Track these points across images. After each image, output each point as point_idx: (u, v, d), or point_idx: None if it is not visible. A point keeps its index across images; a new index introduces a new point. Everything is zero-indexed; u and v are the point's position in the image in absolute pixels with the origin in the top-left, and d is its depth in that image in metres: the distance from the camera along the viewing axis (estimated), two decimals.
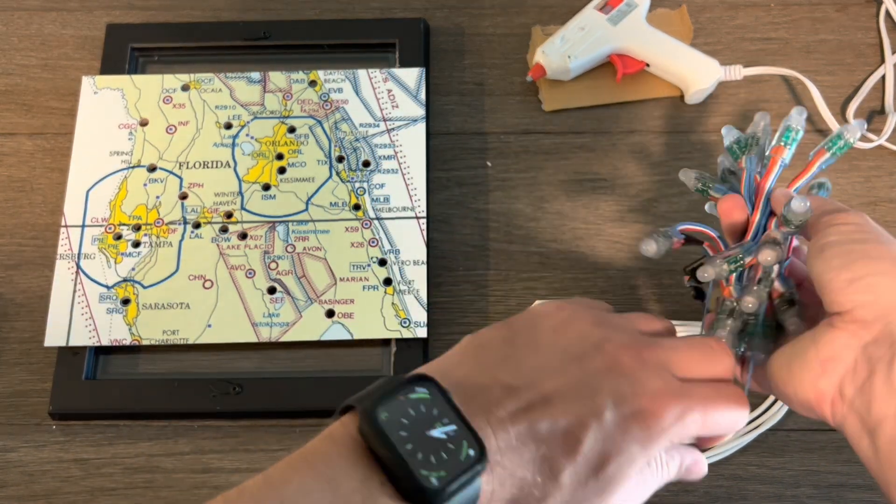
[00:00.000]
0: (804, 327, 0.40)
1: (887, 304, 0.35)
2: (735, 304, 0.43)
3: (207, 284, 0.57)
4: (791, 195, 0.41)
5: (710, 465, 0.53)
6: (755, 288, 0.42)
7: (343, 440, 0.31)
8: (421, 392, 0.32)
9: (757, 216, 0.45)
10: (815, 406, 0.37)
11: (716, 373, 0.39)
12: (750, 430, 0.54)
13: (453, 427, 0.31)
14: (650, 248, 0.46)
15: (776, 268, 0.42)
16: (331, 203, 0.59)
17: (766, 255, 0.41)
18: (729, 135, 0.48)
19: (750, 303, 0.41)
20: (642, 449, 0.35)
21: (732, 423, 0.38)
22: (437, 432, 0.31)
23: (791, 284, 0.43)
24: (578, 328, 0.38)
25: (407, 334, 0.55)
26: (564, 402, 0.34)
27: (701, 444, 0.40)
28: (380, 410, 0.31)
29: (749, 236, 0.44)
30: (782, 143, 0.46)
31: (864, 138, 0.62)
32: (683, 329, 0.56)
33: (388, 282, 0.57)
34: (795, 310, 0.42)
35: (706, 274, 0.42)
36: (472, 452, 0.31)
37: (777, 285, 0.43)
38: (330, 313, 0.56)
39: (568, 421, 0.34)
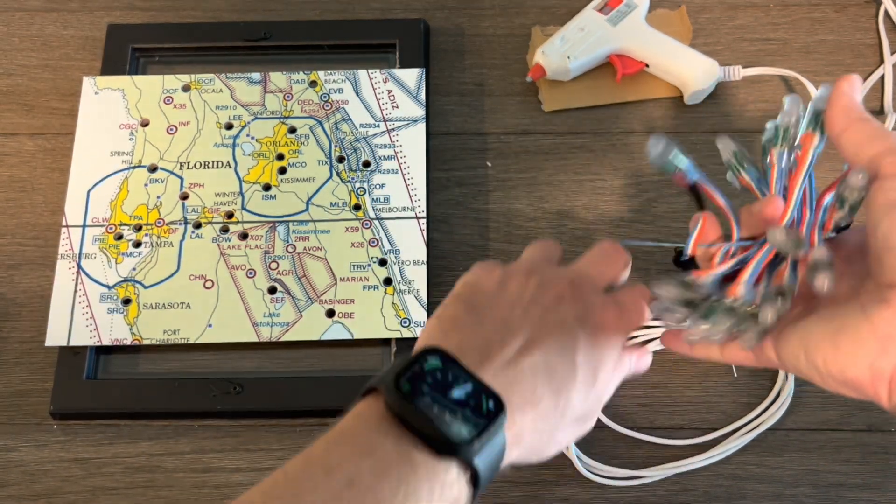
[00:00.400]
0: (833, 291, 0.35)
1: None
2: (736, 303, 0.38)
3: (208, 284, 0.57)
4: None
5: (710, 465, 0.53)
6: (776, 300, 0.37)
7: (371, 416, 0.33)
8: (433, 362, 0.35)
9: (786, 216, 0.40)
10: (868, 386, 0.33)
11: (619, 270, 0.46)
12: (749, 430, 0.54)
13: (470, 386, 0.34)
14: (658, 146, 0.42)
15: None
16: (331, 203, 0.59)
17: (767, 313, 0.37)
18: (726, 148, 0.45)
19: (770, 317, 0.37)
20: (612, 352, 0.41)
21: (644, 310, 0.44)
22: (457, 393, 0.34)
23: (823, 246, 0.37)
24: (516, 280, 0.42)
25: (407, 334, 0.55)
26: (544, 337, 0.39)
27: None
28: (402, 382, 0.33)
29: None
30: (810, 130, 0.42)
31: None
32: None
33: (388, 282, 0.57)
34: (830, 270, 0.35)
35: (700, 280, 0.39)
36: (491, 405, 0.34)
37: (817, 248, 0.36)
38: (330, 313, 0.56)
39: (556, 350, 0.38)
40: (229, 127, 0.62)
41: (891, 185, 0.33)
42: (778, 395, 0.54)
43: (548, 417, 0.37)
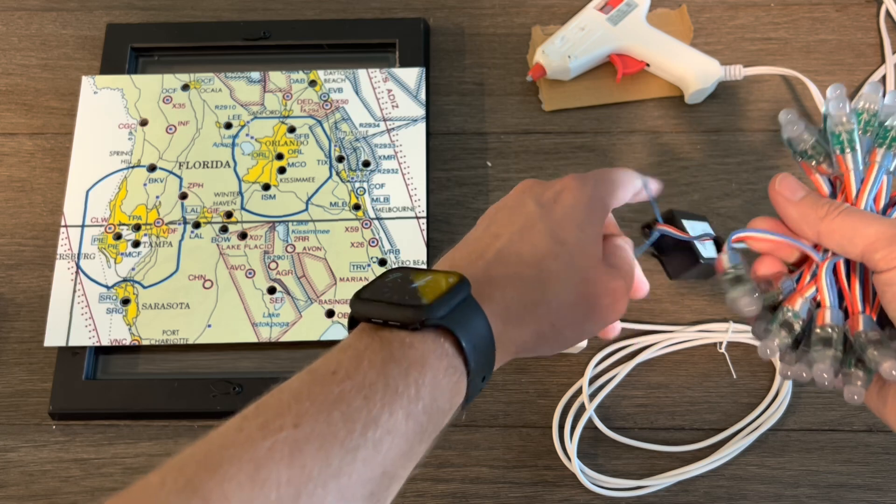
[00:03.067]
0: None
1: None
2: (832, 331, 0.35)
3: (207, 284, 0.57)
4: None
5: (707, 469, 0.53)
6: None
7: (352, 333, 0.34)
8: (395, 274, 0.35)
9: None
10: None
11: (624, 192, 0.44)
12: (750, 431, 0.54)
13: (429, 277, 0.35)
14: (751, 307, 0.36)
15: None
16: (331, 203, 0.59)
17: (820, 369, 0.34)
18: (794, 126, 0.36)
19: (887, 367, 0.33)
20: (579, 224, 0.40)
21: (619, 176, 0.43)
22: (417, 283, 0.34)
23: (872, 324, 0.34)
24: (514, 197, 0.42)
25: None
26: (508, 225, 0.39)
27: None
28: (360, 293, 0.34)
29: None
30: (876, 145, 0.36)
31: None
32: (685, 334, 0.56)
33: None
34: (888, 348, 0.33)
35: (743, 303, 0.35)
36: (451, 279, 0.34)
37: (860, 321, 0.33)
38: (330, 313, 0.56)
39: (519, 231, 0.39)
40: (228, 126, 0.61)
41: (891, 279, 0.33)
42: (777, 395, 0.54)
43: (531, 290, 0.36)
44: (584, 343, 0.54)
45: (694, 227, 0.44)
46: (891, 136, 0.35)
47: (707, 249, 0.44)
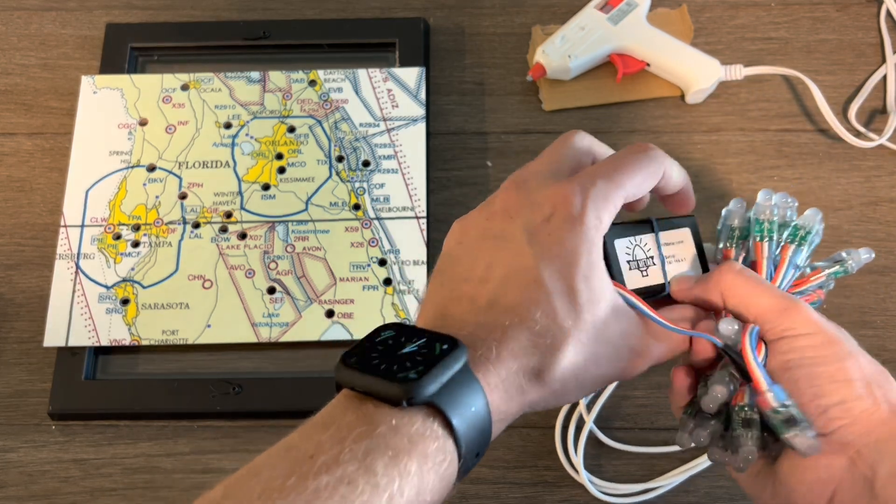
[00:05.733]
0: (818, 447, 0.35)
1: (865, 425, 0.34)
2: (748, 412, 0.37)
3: (207, 284, 0.57)
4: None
5: (711, 466, 0.53)
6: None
7: (334, 401, 0.32)
8: (386, 333, 0.33)
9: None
10: None
11: (644, 183, 0.38)
12: None
13: (423, 339, 0.32)
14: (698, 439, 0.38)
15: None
16: (331, 203, 0.59)
17: (716, 392, 0.36)
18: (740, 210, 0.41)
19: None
20: (578, 245, 0.35)
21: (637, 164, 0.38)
22: (409, 348, 0.31)
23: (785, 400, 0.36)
24: (500, 222, 0.37)
25: None
26: (519, 280, 0.34)
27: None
28: (347, 357, 0.32)
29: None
30: (788, 241, 0.40)
31: (865, 138, 0.62)
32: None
33: (388, 282, 0.57)
34: (808, 426, 0.35)
35: (717, 395, 0.36)
36: (445, 346, 0.31)
37: (770, 399, 0.35)
38: (330, 313, 0.56)
39: (506, 271, 0.34)
40: (228, 126, 0.61)
41: (778, 347, 0.36)
42: None
43: (533, 356, 0.33)
44: None
45: (672, 238, 0.41)
46: (799, 236, 0.39)
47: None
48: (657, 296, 0.39)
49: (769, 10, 0.67)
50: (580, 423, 0.54)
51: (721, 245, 0.41)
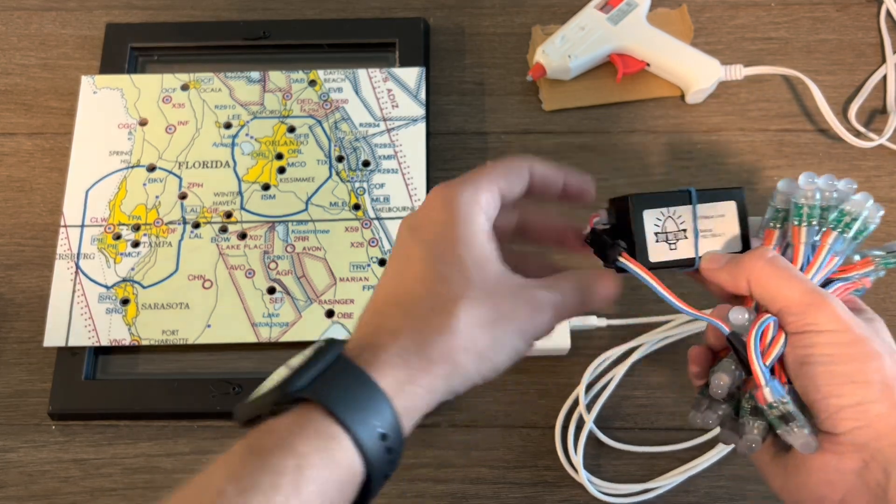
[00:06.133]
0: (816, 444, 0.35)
1: (880, 429, 0.34)
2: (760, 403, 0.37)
3: (207, 284, 0.57)
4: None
5: (711, 466, 0.53)
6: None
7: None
8: (279, 369, 0.34)
9: None
10: None
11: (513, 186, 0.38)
12: None
13: (309, 351, 0.33)
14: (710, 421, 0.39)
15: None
16: (331, 203, 0.59)
17: (720, 380, 0.37)
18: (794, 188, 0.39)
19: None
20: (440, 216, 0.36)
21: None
22: (293, 362, 0.32)
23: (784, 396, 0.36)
24: (398, 236, 0.38)
25: None
26: (407, 268, 0.35)
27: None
28: (245, 399, 0.33)
29: None
30: (831, 227, 0.38)
31: (865, 138, 0.62)
32: (680, 328, 0.56)
33: None
34: (804, 425, 0.35)
35: (721, 383, 0.37)
36: (321, 343, 0.32)
37: (766, 393, 0.35)
38: (330, 313, 0.56)
39: (393, 262, 0.36)
40: (228, 126, 0.61)
41: (799, 340, 0.35)
42: None
43: (428, 323, 0.33)
44: (567, 343, 0.54)
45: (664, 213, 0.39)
46: (844, 222, 0.37)
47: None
48: (685, 269, 0.39)
49: (769, 10, 0.67)
50: (580, 424, 0.54)
51: (765, 225, 0.39)
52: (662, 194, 0.38)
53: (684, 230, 0.39)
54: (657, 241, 0.38)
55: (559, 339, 0.54)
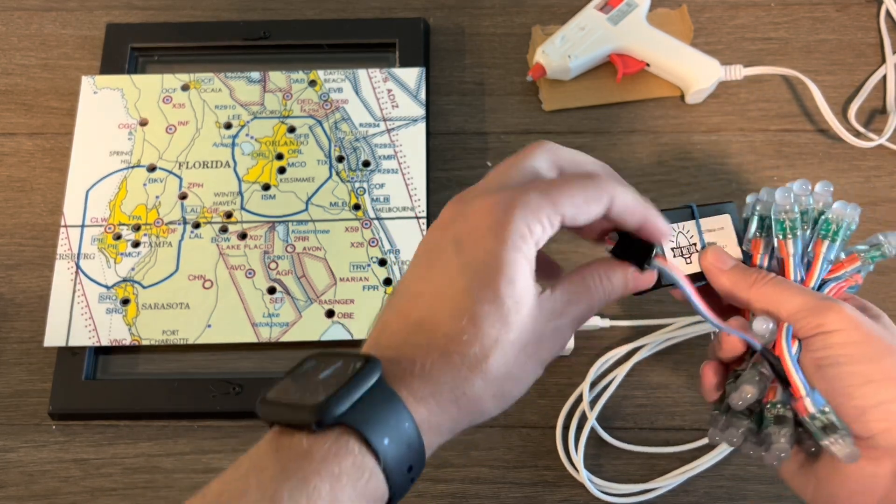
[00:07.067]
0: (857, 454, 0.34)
1: None
2: (787, 410, 0.36)
3: (207, 284, 0.57)
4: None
5: (711, 467, 0.53)
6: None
7: (259, 443, 0.32)
8: (308, 364, 0.32)
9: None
10: None
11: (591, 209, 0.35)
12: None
13: (339, 362, 0.31)
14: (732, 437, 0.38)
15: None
16: (331, 203, 0.59)
17: (746, 392, 0.36)
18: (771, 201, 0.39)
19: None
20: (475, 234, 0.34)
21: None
22: (324, 374, 0.31)
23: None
24: (435, 233, 0.36)
25: None
26: (445, 294, 0.33)
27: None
28: (266, 392, 0.31)
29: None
30: (821, 237, 0.39)
31: (865, 138, 0.62)
32: (683, 330, 0.56)
33: (388, 282, 0.57)
34: (847, 433, 0.34)
35: (747, 396, 0.36)
36: (357, 364, 0.31)
37: (808, 404, 0.35)
38: (330, 313, 0.56)
39: (418, 271, 0.34)
40: (228, 126, 0.61)
41: (812, 344, 0.35)
42: None
43: (460, 367, 0.32)
44: (571, 344, 0.54)
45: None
46: (832, 230, 0.38)
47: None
48: (699, 283, 0.39)
49: (769, 10, 0.67)
50: (580, 423, 0.54)
51: (750, 236, 0.40)
52: (669, 211, 0.39)
53: (694, 244, 0.39)
54: (675, 256, 0.39)
55: None
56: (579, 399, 0.54)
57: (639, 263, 0.36)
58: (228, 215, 0.59)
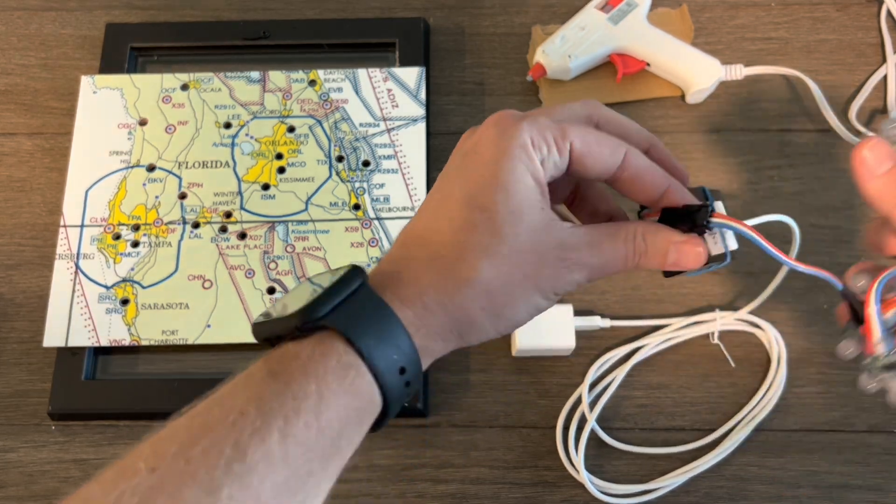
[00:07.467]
0: None
1: None
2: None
3: (207, 284, 0.57)
4: None
5: (711, 467, 0.53)
6: None
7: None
8: (299, 284, 0.34)
9: None
10: None
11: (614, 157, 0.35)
12: (746, 424, 0.54)
13: (327, 275, 0.32)
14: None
15: None
16: (331, 203, 0.59)
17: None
18: None
19: None
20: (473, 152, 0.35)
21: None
22: (313, 286, 0.32)
23: None
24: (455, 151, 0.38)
25: None
26: (443, 205, 0.34)
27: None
28: (259, 317, 0.32)
29: None
30: None
31: (865, 138, 0.62)
32: (683, 330, 0.56)
33: None
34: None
35: (849, 350, 0.35)
36: (343, 272, 0.31)
37: (879, 349, 0.34)
38: None
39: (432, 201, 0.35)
40: (228, 126, 0.61)
41: None
42: (770, 386, 0.54)
43: (450, 271, 0.32)
44: (572, 344, 0.54)
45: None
46: None
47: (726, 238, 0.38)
48: (723, 263, 0.36)
49: (769, 10, 0.67)
50: (580, 424, 0.54)
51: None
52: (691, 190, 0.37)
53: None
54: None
55: (564, 339, 0.54)
56: (579, 399, 0.54)
57: (693, 225, 0.34)
58: (228, 215, 0.59)
